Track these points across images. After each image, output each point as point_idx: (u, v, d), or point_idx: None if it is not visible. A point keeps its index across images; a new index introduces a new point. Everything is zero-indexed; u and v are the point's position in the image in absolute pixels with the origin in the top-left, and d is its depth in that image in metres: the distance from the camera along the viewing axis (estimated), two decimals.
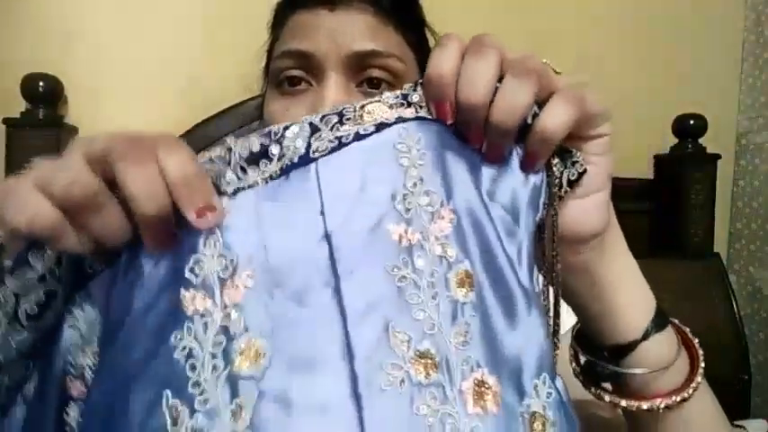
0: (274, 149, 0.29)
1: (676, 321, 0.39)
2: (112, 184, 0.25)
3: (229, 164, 0.28)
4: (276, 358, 0.26)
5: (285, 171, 0.29)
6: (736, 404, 0.95)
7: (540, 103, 0.30)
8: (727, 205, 1.14)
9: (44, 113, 0.82)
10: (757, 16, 1.12)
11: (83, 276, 0.28)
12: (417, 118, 0.31)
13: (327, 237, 0.28)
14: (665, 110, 1.03)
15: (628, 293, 0.36)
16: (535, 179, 0.32)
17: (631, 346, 0.36)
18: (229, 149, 0.28)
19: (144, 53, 0.89)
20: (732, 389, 0.95)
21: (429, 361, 0.27)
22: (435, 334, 0.28)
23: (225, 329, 0.26)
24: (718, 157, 1.03)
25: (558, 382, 0.30)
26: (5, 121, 0.80)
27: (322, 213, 0.28)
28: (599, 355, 0.38)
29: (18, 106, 0.82)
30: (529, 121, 0.30)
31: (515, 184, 0.31)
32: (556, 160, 0.32)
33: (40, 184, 0.25)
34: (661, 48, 1.09)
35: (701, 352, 0.38)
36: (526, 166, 0.31)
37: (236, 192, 0.28)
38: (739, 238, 1.13)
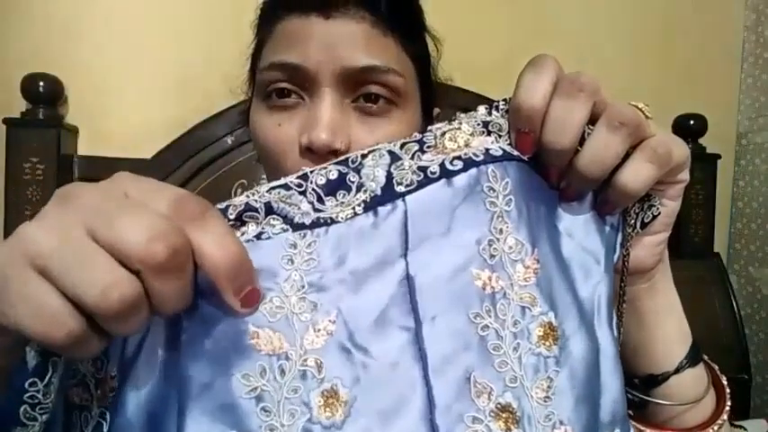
0: (353, 177, 0.28)
1: (707, 358, 0.40)
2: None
3: (305, 193, 0.27)
4: (356, 408, 0.26)
5: (370, 206, 0.28)
6: (735, 404, 0.95)
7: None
8: (728, 205, 1.14)
9: (44, 113, 0.82)
10: (757, 16, 1.12)
11: None
12: (504, 155, 0.30)
13: (409, 279, 0.27)
14: (664, 110, 1.02)
15: (667, 326, 0.37)
16: (612, 219, 0.32)
17: (664, 378, 0.37)
18: (305, 176, 0.28)
19: (144, 53, 0.89)
20: (732, 389, 0.95)
21: (510, 415, 0.27)
22: (517, 387, 0.27)
23: (303, 375, 0.25)
24: (718, 157, 1.03)
25: None
26: (5, 121, 0.80)
27: (405, 255, 0.28)
28: (629, 383, 0.37)
29: (18, 106, 0.82)
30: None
31: (593, 223, 0.32)
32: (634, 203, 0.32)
33: (55, 277, 0.20)
34: (661, 48, 1.09)
35: (728, 391, 0.39)
36: (601, 211, 0.32)
37: (314, 224, 0.27)
38: (739, 238, 1.13)
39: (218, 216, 0.23)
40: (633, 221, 0.32)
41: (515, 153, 0.30)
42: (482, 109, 0.31)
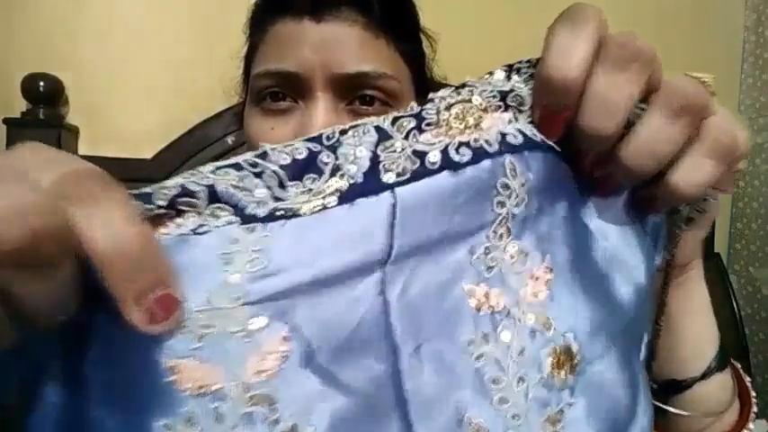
0: (326, 158, 0.21)
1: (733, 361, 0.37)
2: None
3: (261, 175, 0.20)
4: None
5: (347, 197, 0.21)
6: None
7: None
8: (728, 205, 1.14)
9: (44, 113, 0.81)
10: (757, 16, 1.12)
11: None
12: (524, 143, 0.23)
13: (385, 300, 0.21)
14: None
15: (696, 327, 0.34)
16: (654, 218, 0.26)
17: (688, 384, 0.33)
18: (264, 155, 0.21)
19: (144, 53, 0.89)
20: None
21: None
22: (521, 426, 0.22)
23: (249, 418, 0.19)
24: None
25: None
26: (6, 121, 0.80)
27: (384, 264, 0.21)
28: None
29: (18, 106, 0.82)
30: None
31: (631, 221, 0.26)
32: None
33: None
34: (661, 48, 1.08)
35: (753, 394, 0.35)
36: (643, 210, 0.26)
37: (270, 217, 0.20)
38: (739, 238, 1.13)
39: (121, 198, 0.17)
40: (679, 217, 0.27)
41: (539, 137, 0.23)
42: (499, 73, 0.24)
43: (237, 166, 0.20)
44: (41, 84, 0.81)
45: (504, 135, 0.23)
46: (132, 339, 0.17)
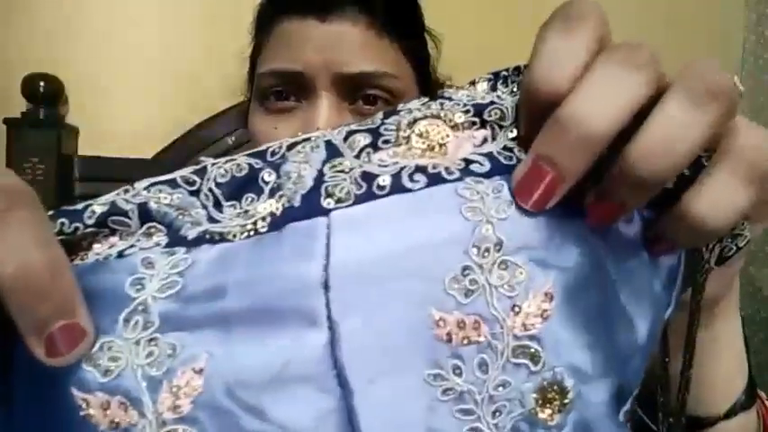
0: (267, 176, 0.19)
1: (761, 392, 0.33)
2: None
3: (198, 194, 0.19)
4: None
5: (279, 223, 0.19)
6: None
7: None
8: None
9: (44, 113, 0.82)
10: (757, 16, 1.12)
11: None
12: (492, 169, 0.19)
13: (332, 328, 0.18)
14: None
15: (724, 363, 0.30)
16: (669, 260, 0.21)
17: (710, 422, 0.30)
18: (203, 171, 0.19)
19: (144, 53, 0.89)
20: None
21: None
22: None
23: None
24: None
25: None
26: (6, 121, 0.80)
27: (325, 289, 0.18)
28: (664, 424, 0.29)
29: (18, 106, 0.82)
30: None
31: (637, 263, 0.20)
32: None
33: None
34: (661, 48, 1.08)
35: None
36: (654, 250, 0.20)
37: (198, 240, 0.19)
38: None
39: (34, 219, 0.16)
40: (708, 255, 0.21)
41: (515, 159, 0.19)
42: (483, 83, 0.21)
43: (173, 183, 0.19)
44: (41, 84, 0.81)
45: (468, 162, 0.19)
46: (49, 370, 0.16)
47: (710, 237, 0.19)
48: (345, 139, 0.20)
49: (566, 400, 0.19)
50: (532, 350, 0.19)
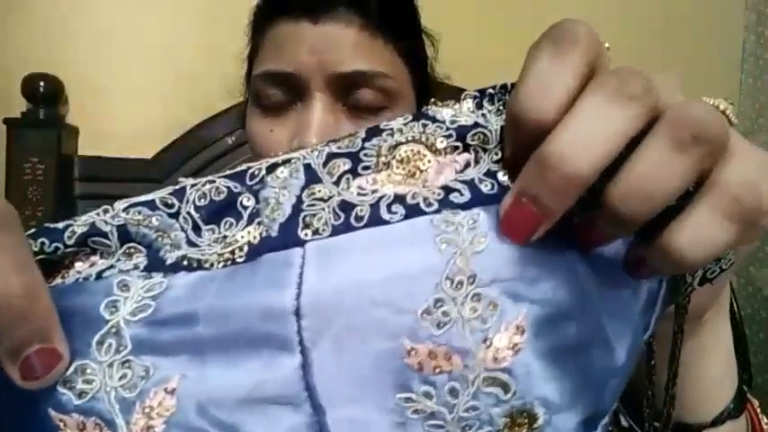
0: (247, 201, 0.19)
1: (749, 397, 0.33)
2: None
3: (177, 216, 0.19)
4: None
5: (256, 252, 0.19)
6: None
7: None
8: None
9: (44, 113, 0.82)
10: (757, 16, 1.12)
11: None
12: (472, 200, 0.19)
13: (304, 354, 0.18)
14: None
15: (712, 371, 0.30)
16: (650, 283, 0.21)
17: (696, 429, 0.30)
18: (182, 192, 0.19)
19: (144, 53, 0.89)
20: None
21: None
22: None
23: None
24: None
25: None
26: (6, 121, 0.80)
27: (297, 316, 0.18)
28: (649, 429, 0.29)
29: (18, 106, 0.82)
30: None
31: (620, 286, 0.20)
32: None
33: None
34: (661, 48, 1.09)
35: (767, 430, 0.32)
36: (633, 273, 0.20)
37: (175, 266, 0.19)
38: None
39: (10, 242, 0.16)
40: (690, 279, 0.21)
41: (496, 188, 0.19)
42: (469, 101, 0.20)
43: (152, 205, 0.19)
44: (41, 84, 0.81)
45: (448, 191, 0.19)
46: (27, 390, 0.17)
47: (691, 269, 0.20)
48: (325, 163, 0.20)
49: (535, 425, 0.19)
50: (503, 380, 0.19)
